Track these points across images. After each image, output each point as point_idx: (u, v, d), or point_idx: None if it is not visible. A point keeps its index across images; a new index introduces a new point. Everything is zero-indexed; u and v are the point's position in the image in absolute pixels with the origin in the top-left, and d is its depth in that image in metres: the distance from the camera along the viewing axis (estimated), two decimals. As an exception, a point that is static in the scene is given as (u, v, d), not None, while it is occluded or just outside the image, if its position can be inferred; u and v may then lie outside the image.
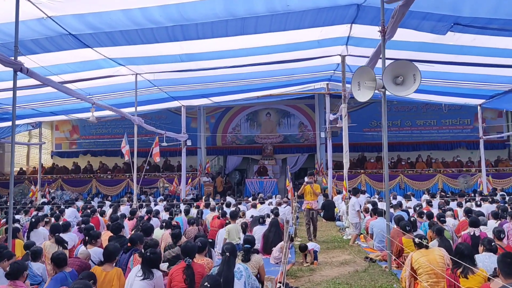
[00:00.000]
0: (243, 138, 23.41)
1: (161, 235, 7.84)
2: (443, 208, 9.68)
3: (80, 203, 15.50)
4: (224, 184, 21.19)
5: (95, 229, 7.10)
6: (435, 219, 7.90)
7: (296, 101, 22.60)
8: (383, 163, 6.41)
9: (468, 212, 8.14)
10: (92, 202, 15.43)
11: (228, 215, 10.84)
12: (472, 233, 6.42)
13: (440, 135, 22.35)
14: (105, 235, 7.04)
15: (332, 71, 13.31)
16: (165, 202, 13.15)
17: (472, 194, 14.92)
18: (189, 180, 17.29)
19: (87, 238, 6.01)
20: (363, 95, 6.00)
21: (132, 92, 12.75)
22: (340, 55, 11.08)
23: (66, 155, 24.61)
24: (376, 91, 6.02)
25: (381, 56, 6.27)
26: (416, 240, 5.00)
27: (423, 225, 8.19)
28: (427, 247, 5.00)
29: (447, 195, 14.81)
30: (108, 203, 14.73)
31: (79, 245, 6.24)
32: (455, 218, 8.97)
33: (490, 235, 6.43)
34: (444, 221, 7.43)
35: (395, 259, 6.53)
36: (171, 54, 9.76)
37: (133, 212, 9.79)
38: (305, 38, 9.30)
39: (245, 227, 7.90)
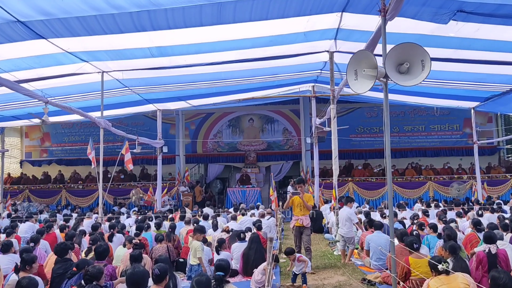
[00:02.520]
0: (225, 145, 22.31)
1: (123, 254, 6.69)
2: (443, 219, 8.71)
3: (45, 216, 14.21)
4: (205, 193, 20.02)
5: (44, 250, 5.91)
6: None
7: (280, 106, 21.64)
8: (385, 167, 5.38)
9: (476, 224, 7.18)
10: (58, 214, 14.10)
11: (208, 229, 9.75)
12: (487, 251, 5.43)
13: (428, 141, 21.59)
14: (53, 257, 5.85)
15: (319, 71, 12.35)
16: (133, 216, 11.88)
17: (467, 203, 14.09)
18: (165, 190, 16.08)
19: (19, 263, 4.82)
20: (361, 86, 4.98)
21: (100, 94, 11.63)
22: (328, 51, 10.12)
23: (36, 164, 23.10)
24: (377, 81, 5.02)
25: (381, 40, 5.28)
26: (440, 267, 3.96)
27: (425, 238, 7.20)
28: (447, 272, 3.98)
29: (440, 204, 13.91)
30: (75, 215, 13.41)
31: (12, 272, 5.05)
32: (458, 231, 7.99)
33: (510, 252, 5.45)
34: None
35: (400, 283, 5.48)
36: (139, 48, 8.65)
37: (95, 227, 8.57)
38: (290, 29, 8.31)
39: (218, 245, 6.76)
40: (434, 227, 7.36)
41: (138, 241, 6.26)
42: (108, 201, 18.47)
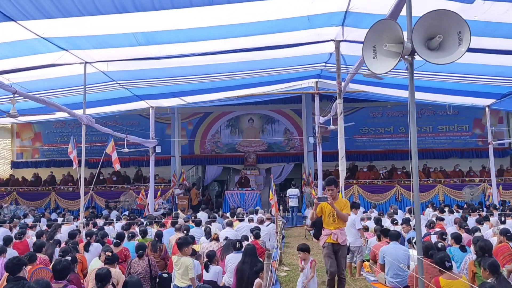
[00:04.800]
0: (224, 146, 21.37)
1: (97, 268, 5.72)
2: (465, 227, 7.73)
3: (29, 220, 13.29)
4: (202, 196, 19.06)
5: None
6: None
7: (280, 106, 20.73)
8: (411, 166, 4.41)
9: (506, 232, 6.20)
10: (42, 219, 13.14)
11: (201, 237, 8.80)
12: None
13: (436, 142, 20.59)
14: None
15: (323, 65, 11.38)
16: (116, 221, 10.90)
17: (481, 207, 13.10)
18: (159, 193, 15.08)
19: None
20: (381, 65, 4.02)
21: (89, 89, 10.70)
22: (334, 40, 9.14)
23: (28, 165, 22.19)
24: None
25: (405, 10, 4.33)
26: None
27: (448, 251, 6.22)
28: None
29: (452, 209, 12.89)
30: (60, 220, 12.46)
31: None
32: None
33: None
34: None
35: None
36: (123, 33, 7.69)
37: (72, 235, 7.61)
38: (292, 12, 7.36)
39: (208, 260, 5.77)
40: (457, 238, 6.38)
41: (110, 254, 5.29)
42: (100, 204, 17.58)
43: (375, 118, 21.07)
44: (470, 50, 9.11)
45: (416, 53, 3.95)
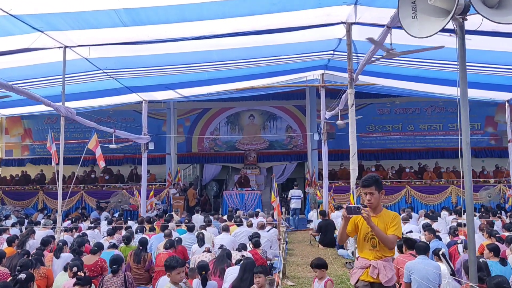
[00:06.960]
0: (223, 144, 20.36)
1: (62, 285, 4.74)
2: (496, 235, 6.70)
3: (11, 222, 12.33)
4: (200, 197, 18.05)
5: None
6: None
7: (283, 102, 19.70)
8: (461, 163, 3.40)
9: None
10: (26, 220, 12.17)
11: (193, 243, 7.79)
12: None
13: (447, 141, 19.52)
14: None
15: (331, 53, 10.35)
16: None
17: (500, 211, 12.08)
18: (151, 193, 14.07)
19: None
20: (423, 27, 3.00)
21: (73, 78, 9.76)
22: (345, 22, 8.10)
23: (17, 163, 21.20)
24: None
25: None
26: None
27: (485, 265, 5.19)
28: None
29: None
30: (43, 222, 11.48)
31: None
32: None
33: None
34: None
35: None
36: (103, 9, 6.68)
37: (45, 242, 6.61)
38: (299, -15, 6.37)
39: (206, 273, 4.72)
40: (495, 250, 5.37)
41: (83, 274, 4.27)
42: (90, 204, 16.61)
43: (383, 115, 20.05)
44: (496, 34, 7.99)
45: (469, 12, 2.95)
